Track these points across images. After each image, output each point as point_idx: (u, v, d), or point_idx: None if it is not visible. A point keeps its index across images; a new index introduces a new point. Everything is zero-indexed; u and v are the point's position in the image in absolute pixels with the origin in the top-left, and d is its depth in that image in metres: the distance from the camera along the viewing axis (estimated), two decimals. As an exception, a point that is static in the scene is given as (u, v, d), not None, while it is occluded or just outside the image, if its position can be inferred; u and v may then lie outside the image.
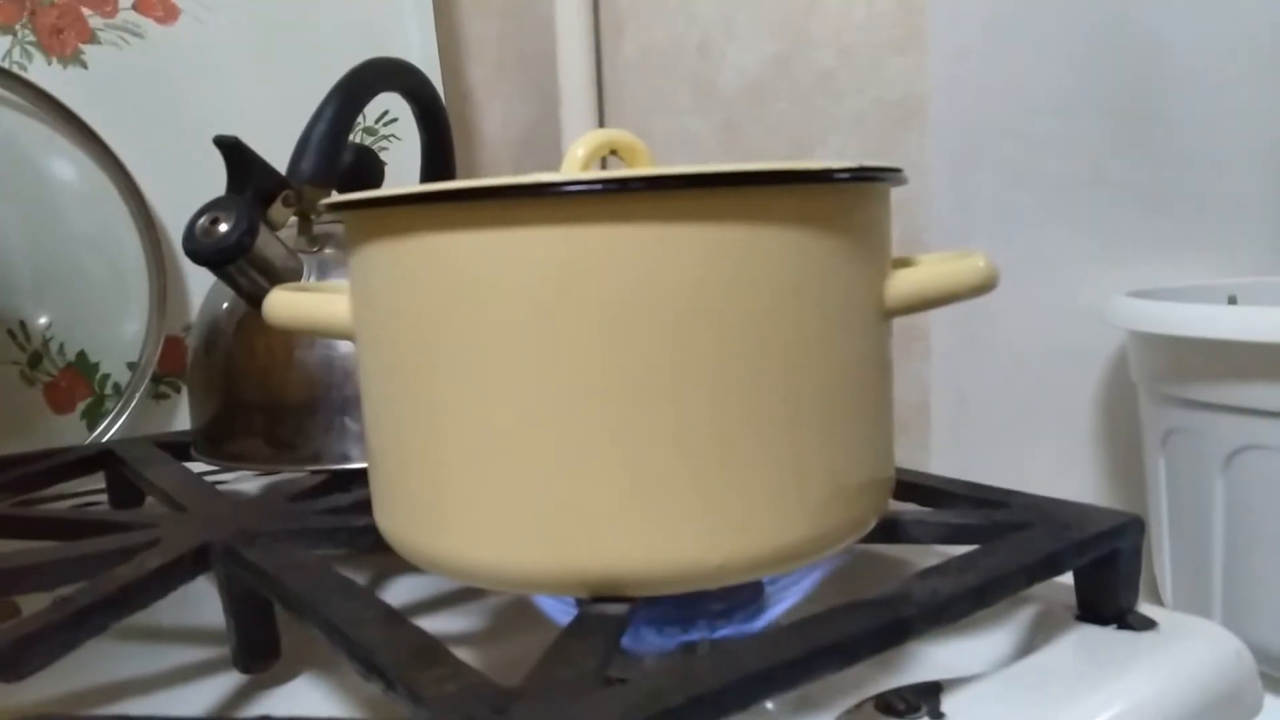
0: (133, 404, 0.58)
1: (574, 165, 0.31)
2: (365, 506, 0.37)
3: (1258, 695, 0.30)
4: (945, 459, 0.51)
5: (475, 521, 0.26)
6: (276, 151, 0.44)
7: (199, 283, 0.61)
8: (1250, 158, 0.49)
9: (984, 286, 0.30)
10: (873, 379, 0.28)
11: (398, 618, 0.25)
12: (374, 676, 0.23)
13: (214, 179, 0.41)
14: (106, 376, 0.58)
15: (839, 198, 0.27)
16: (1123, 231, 0.51)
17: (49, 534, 0.37)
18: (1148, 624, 0.31)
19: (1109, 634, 0.30)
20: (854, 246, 0.27)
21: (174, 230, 0.60)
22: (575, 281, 0.24)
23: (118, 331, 0.58)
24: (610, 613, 0.25)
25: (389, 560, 0.36)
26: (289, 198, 0.42)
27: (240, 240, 0.39)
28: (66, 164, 0.57)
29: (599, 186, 0.24)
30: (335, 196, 0.28)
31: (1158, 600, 0.47)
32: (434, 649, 0.23)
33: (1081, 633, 0.31)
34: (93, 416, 0.58)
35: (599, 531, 0.25)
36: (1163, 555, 0.45)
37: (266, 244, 0.41)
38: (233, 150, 0.40)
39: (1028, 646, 0.31)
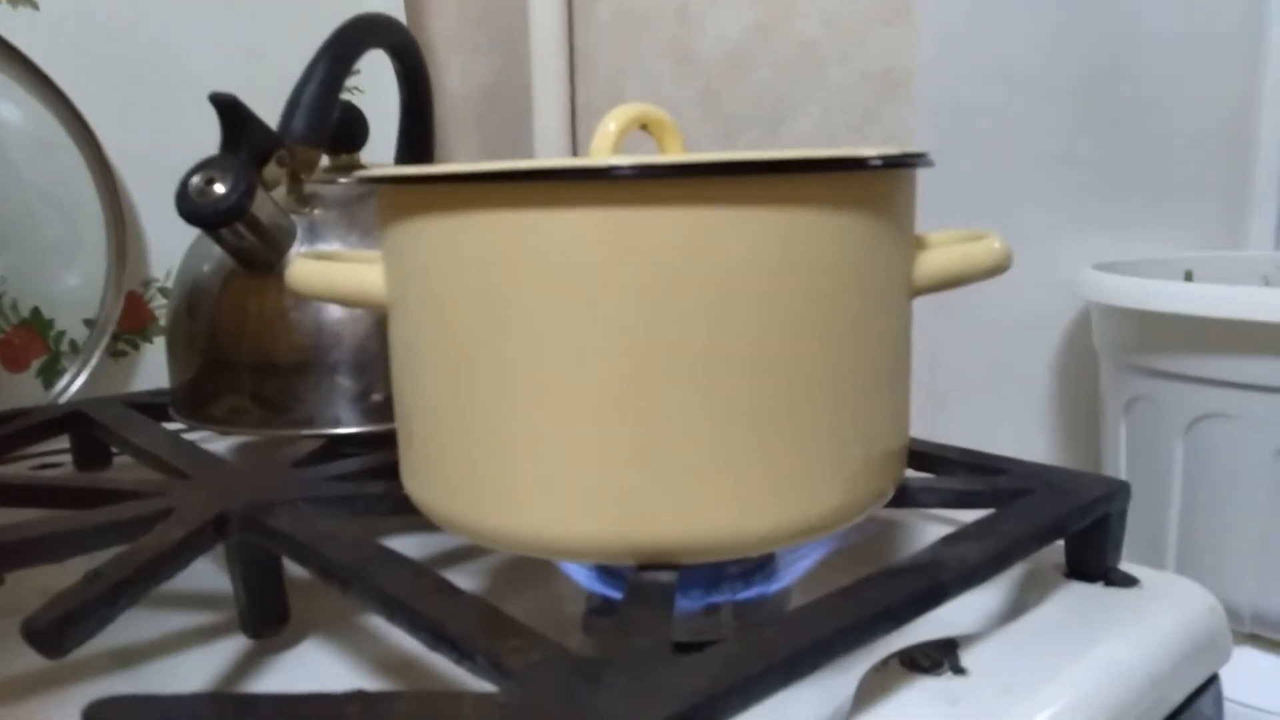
0: (92, 362, 0.56)
1: (606, 140, 0.31)
2: (377, 472, 0.38)
3: (1228, 644, 0.33)
4: (918, 420, 0.53)
5: (526, 493, 0.27)
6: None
7: (159, 236, 0.59)
8: (1206, 140, 0.52)
9: (999, 267, 0.31)
10: (901, 354, 0.30)
11: (452, 587, 0.26)
12: (443, 648, 0.24)
13: (173, 127, 0.40)
14: (62, 333, 0.56)
15: (876, 183, 0.28)
16: (1090, 207, 0.54)
17: (46, 502, 0.36)
18: (1130, 581, 0.33)
19: (1098, 591, 0.33)
20: (889, 229, 0.28)
21: (133, 181, 0.57)
22: (631, 261, 0.25)
23: (74, 286, 0.56)
24: (662, 580, 0.26)
25: (375, 523, 0.36)
26: (282, 157, 0.41)
27: (239, 202, 0.38)
28: (17, 110, 0.54)
29: (671, 171, 0.24)
30: (380, 171, 0.28)
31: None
32: (501, 618, 0.24)
33: (1073, 590, 0.33)
34: (48, 374, 0.56)
35: (655, 502, 0.26)
36: (1118, 514, 0.48)
37: (261, 205, 0.40)
38: (229, 108, 0.39)
39: (1021, 603, 0.33)
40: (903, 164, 0.28)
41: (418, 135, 0.53)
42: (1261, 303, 0.39)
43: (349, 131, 0.47)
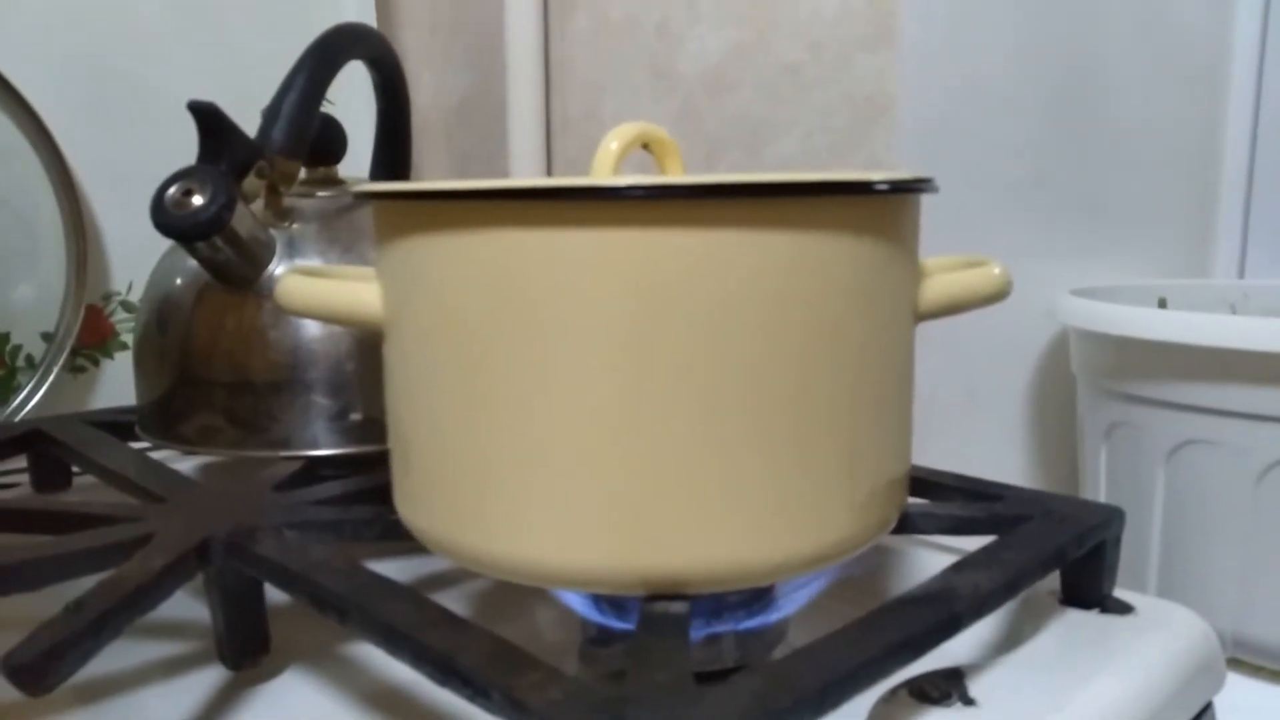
0: (50, 379, 0.54)
1: (607, 159, 0.31)
2: (362, 496, 0.37)
3: (1223, 672, 0.33)
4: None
5: (534, 521, 0.26)
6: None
7: (121, 247, 0.57)
8: (1171, 167, 0.53)
9: (999, 294, 0.31)
10: (905, 380, 0.30)
11: (456, 618, 0.25)
12: (454, 683, 0.23)
13: (140, 135, 0.39)
14: (18, 348, 0.54)
15: (884, 207, 0.28)
16: (1061, 231, 0.54)
17: (18, 526, 0.34)
18: (1125, 608, 0.33)
19: (1095, 619, 0.33)
20: (895, 254, 0.28)
21: (94, 190, 0.55)
22: (641, 283, 0.24)
23: (31, 299, 0.54)
24: (674, 611, 0.25)
25: (351, 547, 0.35)
26: (262, 169, 0.40)
27: (219, 214, 0.37)
28: (-29, 113, 0.52)
29: (685, 192, 0.24)
30: (389, 186, 0.27)
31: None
32: (514, 651, 0.23)
33: (1069, 618, 0.33)
34: (3, 391, 0.53)
35: (661, 531, 0.25)
36: (1096, 537, 0.48)
37: (240, 218, 0.39)
38: (208, 117, 0.38)
39: (1017, 631, 0.33)
40: (910, 189, 0.28)
41: (394, 148, 0.52)
42: (1241, 331, 0.40)
43: (328, 144, 0.46)
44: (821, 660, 0.22)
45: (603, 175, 0.31)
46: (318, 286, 0.30)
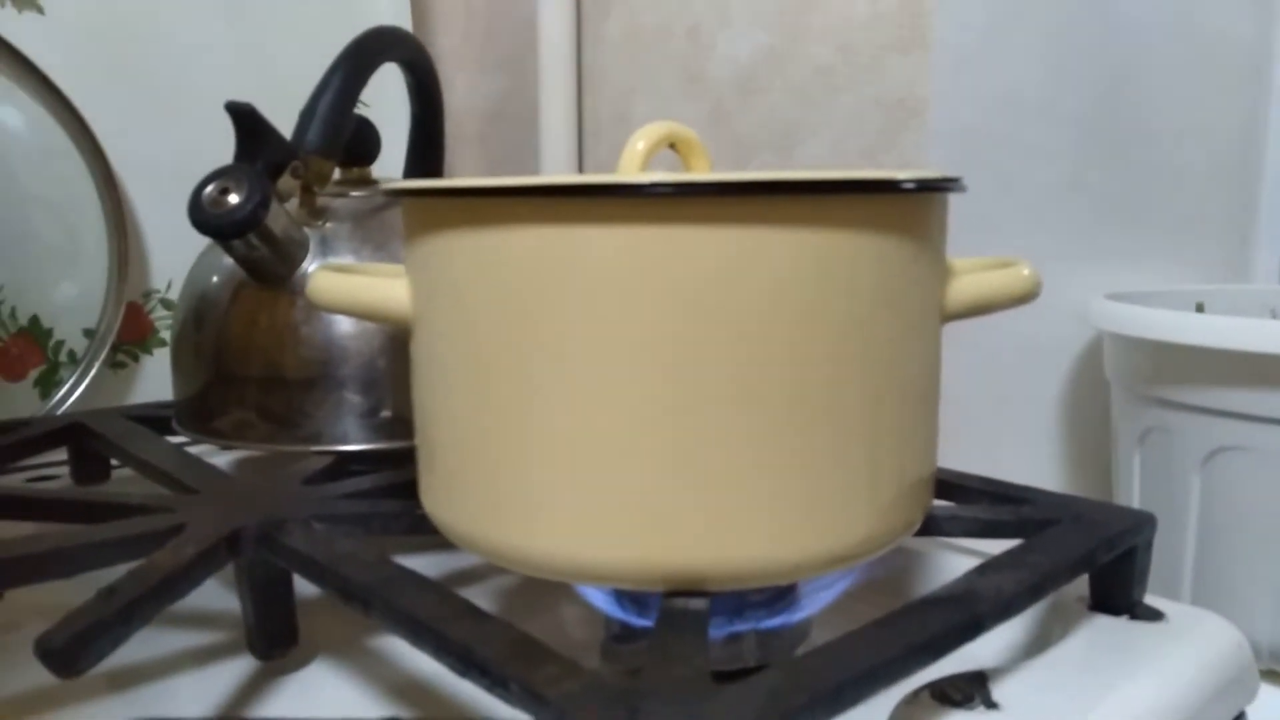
0: (91, 373, 0.55)
1: (634, 158, 0.31)
2: (391, 491, 0.37)
3: (1255, 682, 0.33)
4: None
5: (557, 516, 0.26)
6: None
7: (161, 246, 0.58)
8: (1210, 172, 0.52)
9: (1028, 295, 0.31)
10: (932, 379, 0.29)
11: (480, 611, 0.25)
12: (473, 674, 0.23)
13: (180, 135, 0.40)
14: (61, 343, 0.55)
15: (912, 206, 0.28)
16: (1097, 237, 0.54)
17: (53, 515, 0.35)
18: (1155, 615, 0.33)
19: (1124, 625, 0.32)
20: (924, 253, 0.28)
21: (135, 189, 0.57)
22: (665, 280, 0.25)
23: (74, 296, 0.55)
24: (694, 607, 0.26)
25: (381, 542, 0.35)
26: (297, 169, 0.41)
27: (254, 213, 0.38)
28: (19, 116, 0.54)
29: (712, 190, 0.24)
30: (407, 183, 0.27)
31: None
32: (534, 644, 0.23)
33: (1098, 624, 0.32)
34: (46, 385, 0.55)
35: (688, 527, 0.25)
36: (1129, 546, 0.48)
37: (275, 217, 0.39)
38: (246, 117, 0.38)
39: (1044, 636, 0.33)
40: (938, 188, 0.28)
41: (428, 150, 0.53)
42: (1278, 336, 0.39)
43: (362, 145, 0.46)
44: (839, 659, 0.22)
45: (629, 174, 0.31)
46: (347, 282, 0.30)
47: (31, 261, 0.54)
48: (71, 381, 0.54)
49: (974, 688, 0.28)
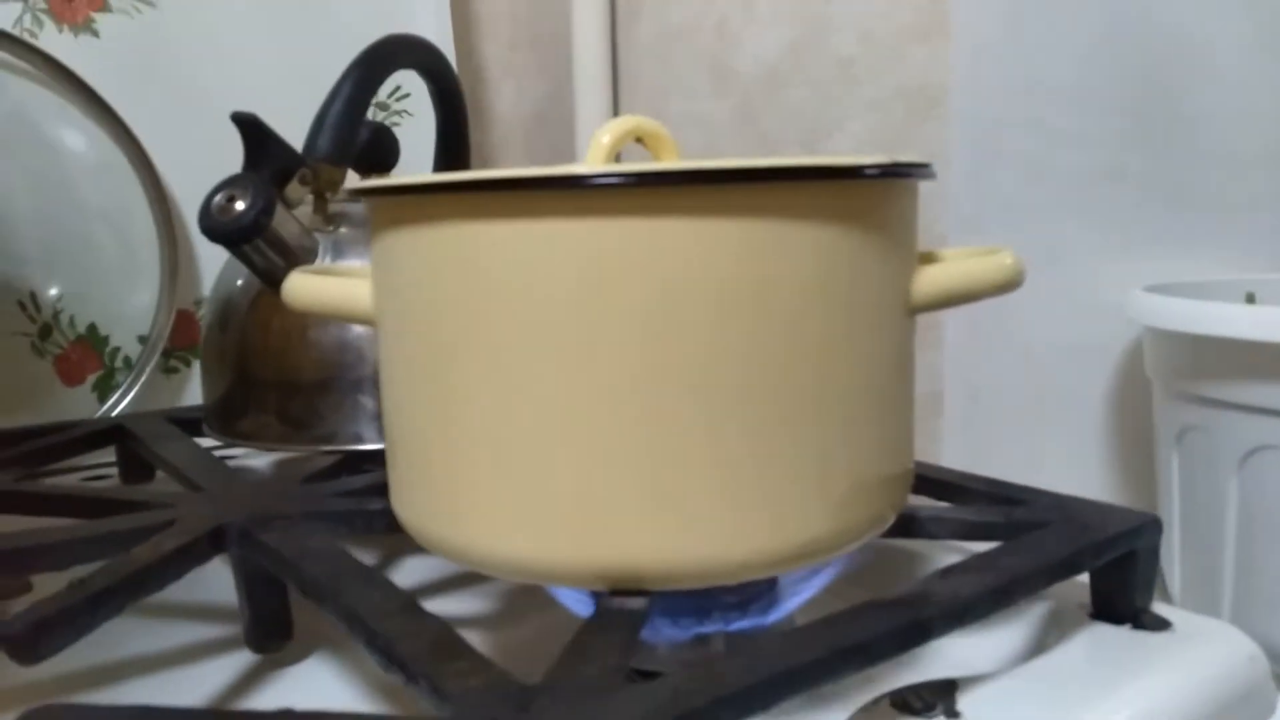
0: (143, 378, 0.57)
1: (598, 152, 0.31)
2: (379, 489, 0.37)
3: (1270, 698, 0.30)
4: (957, 450, 0.51)
5: (496, 513, 0.26)
6: (287, 123, 0.43)
7: (210, 256, 0.60)
8: (1271, 154, 0.49)
9: (1010, 284, 0.29)
10: (897, 375, 0.28)
11: (417, 608, 0.25)
12: (394, 668, 0.23)
13: (226, 150, 0.41)
14: (117, 349, 0.58)
15: (870, 193, 0.27)
16: (1140, 226, 0.51)
17: (63, 510, 0.37)
18: (1162, 624, 0.31)
19: (1123, 634, 0.30)
20: (883, 242, 0.27)
21: (185, 202, 0.59)
22: (604, 275, 0.24)
23: (128, 304, 0.58)
24: (629, 606, 0.25)
25: (398, 540, 0.36)
26: (305, 176, 0.42)
27: (257, 219, 0.39)
28: (77, 134, 0.57)
29: (632, 180, 0.23)
30: (361, 182, 0.28)
31: (1165, 596, 0.47)
32: (454, 641, 0.23)
33: (1096, 632, 0.31)
34: (103, 389, 0.57)
35: (621, 525, 0.25)
36: (1172, 551, 0.45)
37: (283, 223, 0.40)
38: (251, 127, 0.40)
39: (1041, 644, 0.31)
40: (895, 173, 0.27)
41: (453, 156, 0.54)
42: None
43: (380, 152, 0.47)
44: (754, 661, 0.22)
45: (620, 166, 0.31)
46: (317, 284, 0.31)
47: (90, 272, 0.57)
48: (125, 386, 0.57)
49: (938, 696, 0.27)
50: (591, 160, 0.31)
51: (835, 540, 0.27)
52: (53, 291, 0.56)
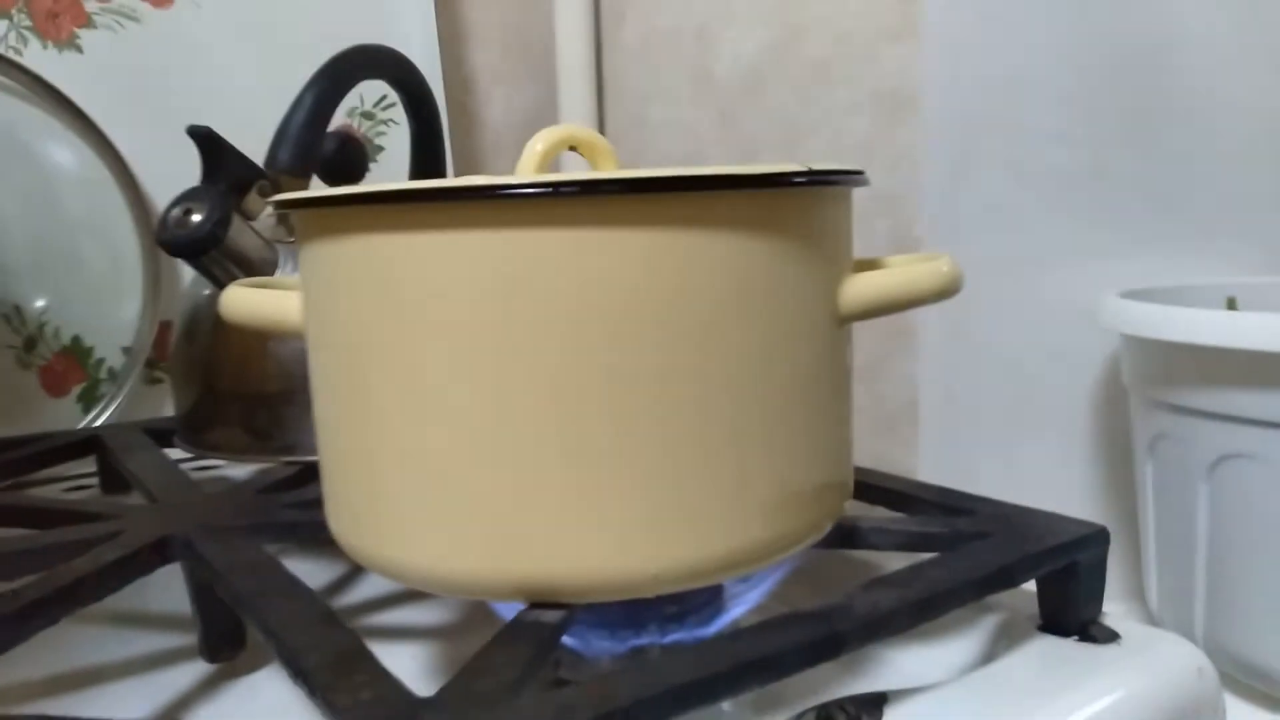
0: (125, 389, 0.58)
1: (531, 160, 0.31)
2: (331, 500, 0.38)
3: (1219, 711, 0.29)
4: (932, 457, 0.50)
5: (415, 527, 0.26)
6: (270, 137, 0.44)
7: (191, 269, 0.61)
8: (1257, 154, 0.48)
9: (946, 291, 0.29)
10: (825, 384, 0.28)
11: (333, 620, 0.25)
12: (299, 680, 0.23)
13: None
14: (101, 361, 0.58)
15: (788, 202, 0.26)
16: (1122, 228, 0.50)
17: (16, 522, 0.37)
18: (1110, 636, 0.30)
19: (1068, 646, 0.30)
20: (804, 251, 0.26)
21: (169, 215, 0.60)
22: (514, 286, 0.24)
23: (113, 316, 0.59)
24: (544, 620, 0.25)
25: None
26: (264, 188, 0.42)
27: (212, 231, 0.39)
28: (63, 149, 0.58)
29: (542, 190, 0.23)
30: (281, 196, 0.28)
31: (1146, 609, 0.46)
32: (359, 654, 0.23)
33: (1041, 644, 0.30)
34: (88, 400, 0.58)
35: (535, 538, 0.25)
36: (1148, 560, 0.44)
37: (240, 234, 0.41)
38: (206, 140, 0.40)
39: (988, 655, 0.30)
40: (817, 181, 0.26)
41: (427, 165, 0.54)
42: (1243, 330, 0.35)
43: (347, 163, 0.48)
44: (654, 674, 0.21)
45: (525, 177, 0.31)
46: (250, 297, 0.31)
47: (74, 285, 0.58)
48: (109, 397, 0.58)
49: (864, 710, 0.26)
50: (523, 168, 0.31)
51: (761, 551, 0.26)
52: (38, 304, 0.57)
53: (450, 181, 0.24)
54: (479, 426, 0.25)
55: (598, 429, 0.24)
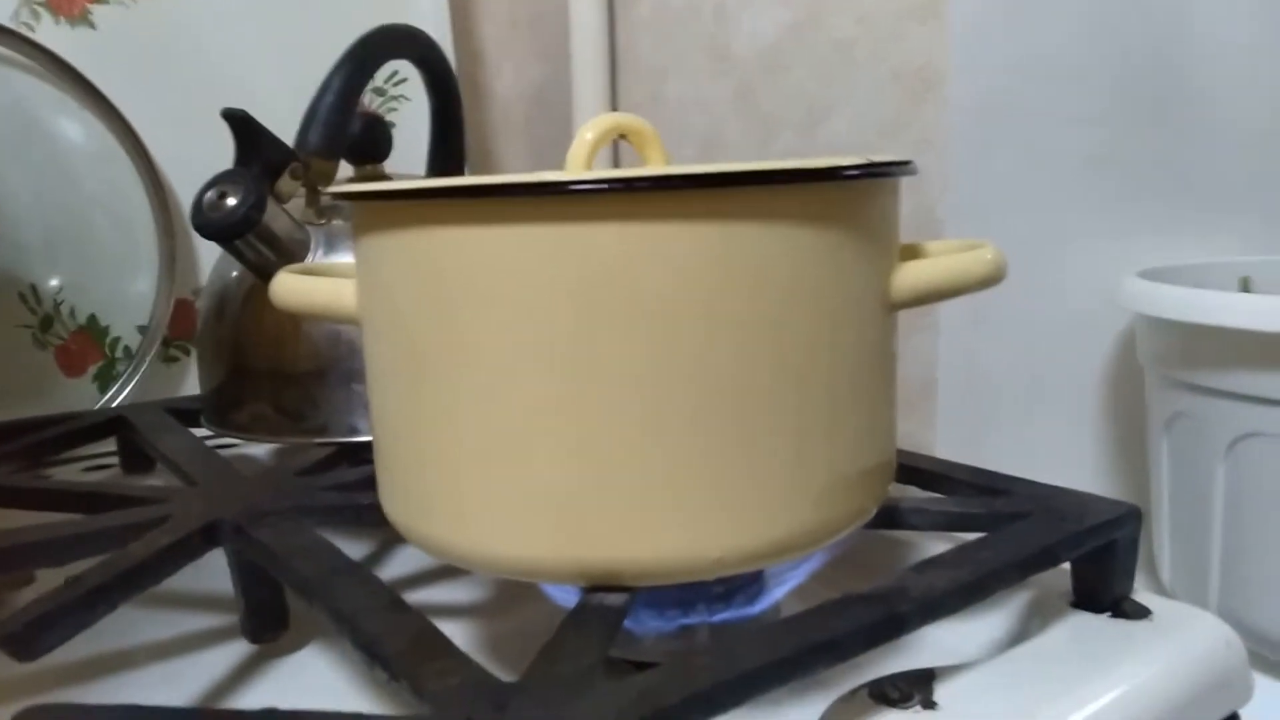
0: (143, 368, 0.58)
1: (582, 149, 0.31)
2: (371, 483, 0.38)
3: (1247, 683, 0.31)
4: (951, 435, 0.51)
5: (478, 511, 0.26)
6: (284, 112, 0.44)
7: (207, 245, 0.60)
8: (1273, 137, 0.49)
9: (992, 279, 0.30)
10: (877, 370, 0.28)
11: (402, 604, 0.26)
12: (377, 666, 0.24)
13: (222, 141, 0.41)
14: (117, 340, 0.58)
15: (846, 194, 0.27)
16: (1140, 208, 0.51)
17: (61, 505, 0.37)
18: (1142, 612, 0.31)
19: (1103, 622, 0.31)
20: (861, 242, 0.27)
21: (182, 192, 0.60)
22: (582, 279, 0.24)
23: (128, 294, 0.59)
24: (609, 603, 0.26)
25: (390, 532, 0.36)
26: (296, 170, 0.42)
27: (248, 215, 0.39)
28: (76, 125, 0.57)
29: (608, 186, 0.24)
30: (342, 187, 0.28)
31: (1156, 581, 0.47)
32: (435, 638, 0.24)
33: (1076, 621, 0.31)
34: (104, 380, 0.58)
35: (599, 523, 0.25)
36: (1162, 538, 0.45)
37: (274, 217, 0.41)
38: (241, 123, 0.40)
39: (1022, 633, 0.31)
40: (874, 173, 0.27)
41: (448, 145, 0.54)
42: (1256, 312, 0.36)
43: (371, 143, 0.48)
44: (728, 658, 0.22)
45: (576, 166, 0.31)
46: (304, 284, 0.31)
47: (90, 263, 0.58)
48: (125, 376, 0.58)
49: (915, 687, 0.27)
50: (574, 157, 0.31)
51: (814, 535, 0.27)
52: (53, 283, 0.57)
53: (527, 177, 0.24)
54: (555, 416, 0.25)
55: (677, 417, 0.25)
